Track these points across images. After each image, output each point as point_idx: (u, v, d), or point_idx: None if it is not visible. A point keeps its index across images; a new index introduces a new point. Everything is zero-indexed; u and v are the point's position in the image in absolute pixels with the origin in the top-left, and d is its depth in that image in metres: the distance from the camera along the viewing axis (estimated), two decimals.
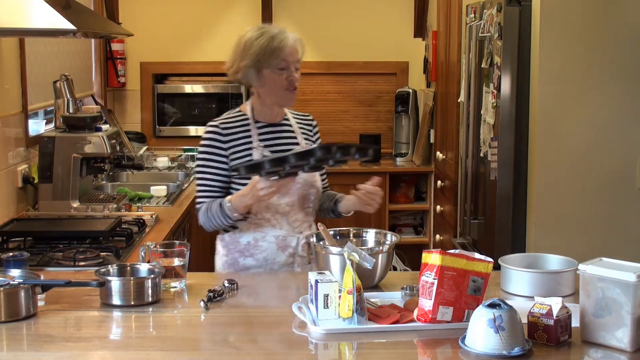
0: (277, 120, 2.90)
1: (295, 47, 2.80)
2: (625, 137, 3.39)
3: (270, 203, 2.79)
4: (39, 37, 3.99)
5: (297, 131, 2.92)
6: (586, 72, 3.37)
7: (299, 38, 2.85)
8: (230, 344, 2.06)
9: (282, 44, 2.78)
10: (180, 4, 5.81)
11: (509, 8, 3.46)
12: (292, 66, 2.80)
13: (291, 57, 2.79)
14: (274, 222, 2.82)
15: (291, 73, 2.80)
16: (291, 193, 2.81)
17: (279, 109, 2.89)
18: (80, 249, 2.96)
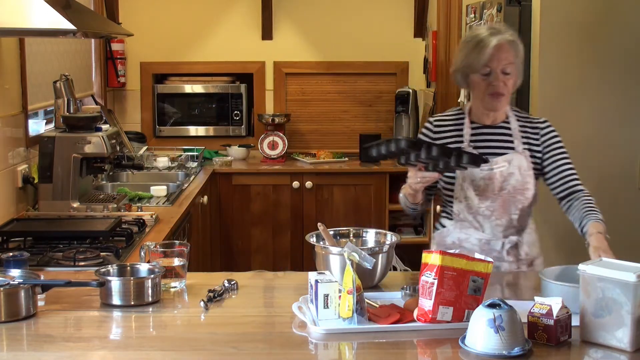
0: (493, 122, 2.79)
1: (500, 51, 2.66)
2: (625, 137, 3.39)
3: (471, 205, 2.76)
4: (39, 37, 3.99)
5: (516, 135, 2.76)
6: (586, 72, 3.37)
7: (512, 40, 2.68)
8: (230, 344, 2.06)
9: (484, 50, 2.66)
10: (180, 4, 5.81)
11: (509, 8, 3.46)
12: (496, 71, 2.67)
13: (495, 63, 2.66)
14: (476, 224, 2.78)
15: (495, 79, 2.67)
16: (492, 197, 2.74)
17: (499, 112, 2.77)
18: (80, 249, 2.96)
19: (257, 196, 5.41)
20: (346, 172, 5.50)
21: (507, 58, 2.67)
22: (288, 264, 5.42)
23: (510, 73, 2.68)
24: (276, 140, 5.58)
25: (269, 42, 5.85)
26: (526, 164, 2.73)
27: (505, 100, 2.72)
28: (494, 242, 2.77)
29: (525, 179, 2.73)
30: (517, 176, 2.72)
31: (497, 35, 2.67)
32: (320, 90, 5.93)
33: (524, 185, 2.73)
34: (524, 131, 2.77)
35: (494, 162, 2.73)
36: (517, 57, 2.69)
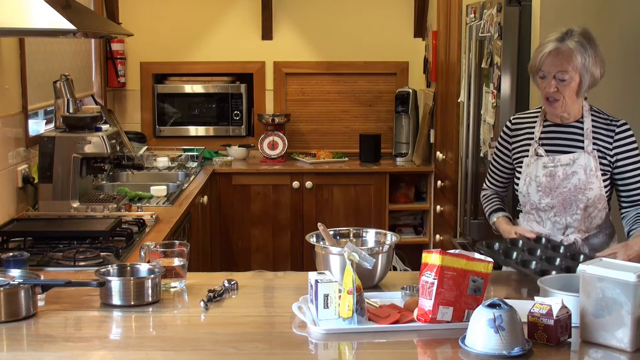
0: (565, 121, 2.80)
1: (555, 57, 2.68)
2: None
3: (532, 201, 2.82)
4: (39, 37, 3.99)
5: (587, 135, 2.76)
6: None
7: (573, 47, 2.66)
8: (230, 344, 2.06)
9: (541, 53, 2.70)
10: (180, 4, 5.81)
11: (509, 8, 3.46)
12: (550, 76, 2.69)
13: (549, 67, 2.69)
14: (537, 219, 2.84)
15: (547, 84, 2.70)
16: (553, 195, 2.77)
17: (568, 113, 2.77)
18: (80, 249, 2.96)
19: (257, 196, 5.41)
20: (346, 172, 5.50)
21: (562, 65, 2.67)
22: (288, 264, 5.42)
23: (565, 80, 2.68)
24: (276, 140, 5.58)
25: (269, 42, 5.85)
26: (593, 165, 2.74)
27: (560, 105, 2.73)
28: (553, 239, 2.80)
29: (589, 179, 2.73)
30: (581, 175, 2.74)
31: (560, 42, 2.68)
32: (320, 90, 5.93)
33: (586, 185, 2.74)
34: (597, 132, 2.77)
35: (557, 159, 2.76)
36: (580, 64, 2.67)
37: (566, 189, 2.76)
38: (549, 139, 2.81)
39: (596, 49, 2.71)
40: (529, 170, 2.81)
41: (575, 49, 2.67)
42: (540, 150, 2.80)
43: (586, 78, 2.69)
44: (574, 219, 2.78)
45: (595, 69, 2.70)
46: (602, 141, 2.76)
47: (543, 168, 2.78)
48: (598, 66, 2.71)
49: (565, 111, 2.76)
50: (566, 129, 2.80)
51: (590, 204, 2.76)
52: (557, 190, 2.77)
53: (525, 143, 2.85)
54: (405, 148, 5.68)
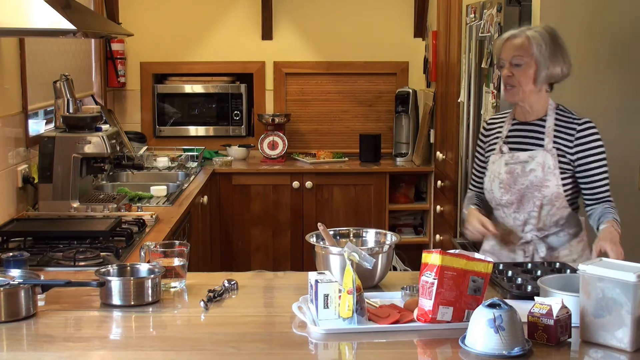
0: (529, 119, 2.84)
1: (510, 42, 2.75)
2: (625, 137, 3.39)
3: (495, 197, 2.86)
4: (39, 37, 3.99)
5: (548, 133, 2.78)
6: (586, 72, 3.37)
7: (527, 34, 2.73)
8: (230, 344, 2.06)
9: (499, 41, 2.82)
10: (180, 4, 5.81)
11: (509, 8, 3.46)
12: (507, 62, 2.76)
13: (505, 54, 2.76)
14: (502, 215, 2.87)
15: (506, 70, 2.76)
16: (512, 191, 2.80)
17: (530, 107, 2.82)
18: (80, 249, 2.96)
19: (257, 196, 5.41)
20: (346, 172, 5.50)
21: (517, 50, 2.73)
22: (288, 264, 5.42)
23: (520, 65, 2.73)
24: (276, 140, 5.58)
25: (269, 42, 5.85)
26: (551, 162, 2.75)
27: (517, 92, 2.76)
28: (513, 235, 2.85)
29: (546, 177, 2.75)
30: (538, 172, 2.76)
31: (517, 30, 2.77)
32: (320, 90, 5.93)
33: (542, 183, 2.75)
34: (559, 130, 2.79)
35: (517, 156, 2.80)
36: (537, 52, 2.71)
37: (523, 185, 2.78)
38: (514, 137, 2.85)
39: (558, 47, 2.75)
40: (493, 167, 2.86)
41: (532, 37, 2.73)
42: (504, 148, 2.84)
43: (543, 68, 2.73)
44: (531, 216, 2.79)
45: (554, 64, 2.74)
46: (563, 140, 2.78)
47: (505, 165, 2.82)
48: (559, 64, 2.74)
49: (523, 100, 2.79)
50: (530, 127, 2.83)
51: (546, 201, 2.77)
52: (516, 186, 2.79)
53: (494, 142, 2.91)
54: (405, 148, 5.68)
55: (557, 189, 2.76)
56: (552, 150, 2.76)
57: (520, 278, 2.51)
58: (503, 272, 2.58)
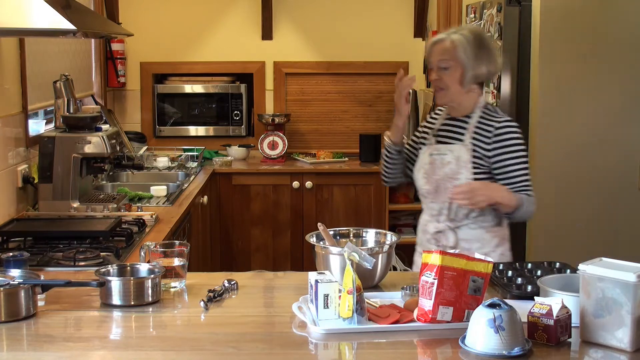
0: (457, 115, 2.96)
1: (436, 47, 2.89)
2: (625, 138, 3.39)
3: (419, 186, 2.99)
4: (39, 37, 3.99)
5: (469, 129, 2.90)
6: (586, 72, 3.37)
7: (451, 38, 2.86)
8: (230, 344, 2.06)
9: (427, 45, 2.96)
10: (180, 4, 5.81)
11: (509, 8, 3.46)
12: (434, 66, 2.90)
13: (433, 57, 2.91)
14: (425, 202, 3.00)
15: (434, 74, 2.91)
16: (430, 181, 2.94)
17: (458, 105, 2.93)
18: (80, 249, 2.96)
19: (257, 196, 5.41)
20: (346, 172, 5.50)
21: (443, 54, 2.86)
22: (288, 264, 5.42)
23: (447, 68, 2.86)
24: (276, 140, 5.58)
25: (269, 42, 5.85)
26: (466, 157, 2.86)
27: (445, 94, 2.91)
28: (430, 225, 2.98)
29: (458, 170, 2.86)
30: (453, 165, 2.88)
31: (445, 35, 2.89)
32: (320, 90, 5.93)
33: (454, 175, 2.87)
34: (480, 127, 2.88)
35: (438, 148, 2.95)
36: (462, 54, 2.83)
37: (439, 176, 2.91)
38: (443, 131, 2.99)
39: (483, 49, 2.86)
40: (422, 157, 3.01)
41: (456, 41, 2.85)
42: (432, 140, 3.00)
43: (468, 70, 2.84)
44: (444, 206, 2.91)
45: (479, 66, 2.84)
46: (482, 136, 2.86)
47: (429, 156, 2.96)
48: (484, 64, 2.85)
49: (452, 100, 2.92)
50: (456, 122, 2.95)
51: None
52: (434, 177, 2.93)
53: (426, 132, 3.09)
54: None
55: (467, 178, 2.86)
56: (468, 145, 2.87)
57: (520, 278, 2.51)
58: (503, 272, 2.58)
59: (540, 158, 3.39)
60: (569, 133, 3.38)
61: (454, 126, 2.96)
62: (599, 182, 3.40)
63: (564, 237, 3.40)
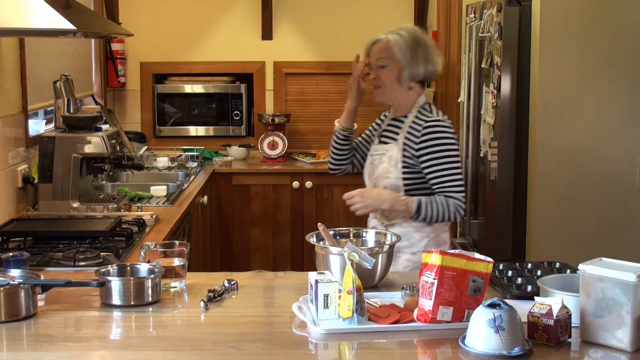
0: (397, 115, 3.04)
1: (375, 46, 2.99)
2: (625, 137, 3.39)
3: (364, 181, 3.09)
4: (39, 37, 3.99)
5: (403, 129, 2.98)
6: (586, 72, 3.37)
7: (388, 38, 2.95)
8: (230, 344, 2.06)
9: (367, 45, 3.03)
10: (180, 4, 5.81)
11: (509, 8, 3.46)
12: (373, 65, 2.99)
13: (372, 57, 3.00)
14: None
15: (372, 73, 3.01)
16: (370, 180, 3.04)
17: (397, 105, 3.03)
18: (80, 249, 2.96)
19: (257, 196, 5.41)
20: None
21: (381, 52, 2.96)
22: (288, 264, 5.42)
23: (385, 66, 2.95)
24: (276, 140, 5.58)
25: (269, 42, 5.85)
26: (397, 156, 2.93)
27: (383, 92, 3.01)
28: (370, 221, 3.07)
29: (389, 169, 2.94)
30: (386, 164, 2.96)
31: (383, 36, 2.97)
32: (320, 90, 5.93)
33: (385, 174, 2.94)
34: (413, 127, 2.94)
35: (376, 148, 3.06)
36: (399, 54, 2.92)
37: (376, 175, 2.99)
38: (385, 131, 3.07)
39: (420, 48, 2.94)
40: (367, 157, 3.10)
41: (393, 41, 2.94)
42: (376, 141, 3.09)
43: (405, 69, 2.92)
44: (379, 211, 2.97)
45: (416, 65, 2.93)
46: (412, 135, 2.93)
47: (370, 156, 3.07)
48: (421, 64, 2.94)
49: (390, 99, 3.03)
50: (395, 122, 3.04)
51: None
52: (373, 176, 3.03)
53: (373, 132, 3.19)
54: None
55: (397, 182, 2.93)
56: (400, 144, 2.94)
57: (520, 278, 2.51)
58: (503, 272, 2.58)
59: (540, 158, 3.39)
60: (569, 133, 3.38)
61: (393, 126, 3.04)
62: (599, 182, 3.40)
63: (564, 237, 3.40)
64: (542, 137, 3.38)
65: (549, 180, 3.41)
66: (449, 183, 2.88)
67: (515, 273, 2.57)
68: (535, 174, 3.41)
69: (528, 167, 3.49)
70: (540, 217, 3.42)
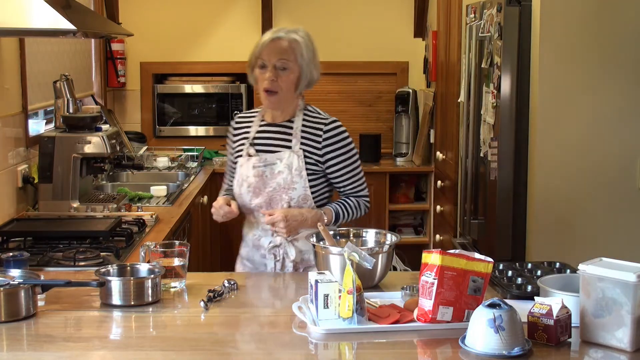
0: (277, 120, 2.85)
1: (274, 44, 2.72)
2: (625, 137, 3.39)
3: (245, 202, 2.82)
4: (39, 37, 3.99)
5: (296, 134, 2.81)
6: (586, 72, 3.37)
7: (289, 37, 2.74)
8: (230, 344, 2.06)
9: (263, 41, 2.74)
10: (180, 4, 5.81)
11: (509, 8, 3.46)
12: (270, 65, 2.72)
13: (269, 55, 2.72)
14: (252, 220, 2.85)
15: (268, 73, 2.72)
16: (262, 195, 2.80)
17: (282, 111, 2.84)
18: (80, 249, 2.96)
19: None
20: None
21: (284, 53, 2.71)
22: None
23: (286, 69, 2.72)
24: None
25: None
26: (297, 164, 2.76)
27: (278, 98, 2.75)
28: (263, 240, 2.82)
29: (293, 179, 2.76)
30: (286, 175, 2.76)
31: (280, 33, 2.73)
32: (320, 90, 5.91)
33: (290, 185, 2.76)
34: (307, 131, 2.81)
35: (264, 159, 2.79)
36: (301, 57, 2.74)
37: (272, 188, 2.77)
38: (262, 139, 2.83)
39: (315, 52, 2.83)
40: (241, 170, 2.82)
41: (300, 42, 2.75)
42: (251, 151, 2.82)
43: (306, 74, 2.77)
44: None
45: (313, 69, 2.80)
46: (311, 140, 2.79)
47: (253, 168, 2.79)
48: (316, 69, 2.82)
49: (281, 106, 2.79)
50: (278, 128, 2.83)
51: (293, 204, 2.77)
52: (265, 189, 2.78)
53: (242, 143, 2.87)
54: (405, 148, 5.68)
55: (305, 191, 2.77)
56: (299, 151, 2.77)
57: (520, 278, 2.51)
58: (503, 272, 2.58)
59: (540, 158, 3.39)
60: (569, 133, 3.38)
61: (276, 132, 2.82)
62: (599, 182, 3.40)
63: (564, 237, 3.40)
64: (541, 137, 3.38)
65: (549, 180, 3.41)
66: (360, 186, 2.85)
67: (515, 273, 2.57)
68: (535, 174, 3.41)
69: (528, 167, 3.49)
70: (540, 217, 3.42)
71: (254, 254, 2.87)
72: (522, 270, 2.60)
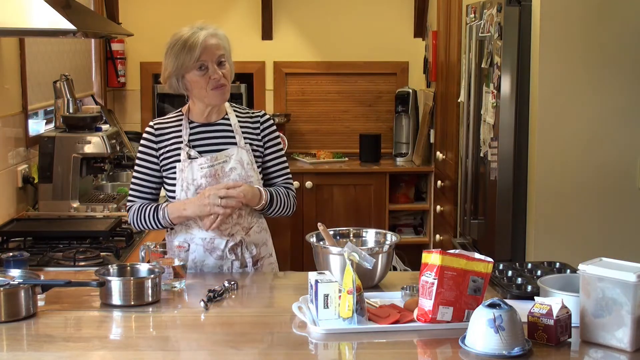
0: (211, 120, 2.80)
1: (210, 43, 2.69)
2: (625, 137, 3.39)
3: None
4: (39, 37, 3.99)
5: (237, 130, 2.78)
6: (586, 72, 3.37)
7: (216, 33, 2.72)
8: (230, 344, 2.06)
9: (194, 46, 2.67)
10: (180, 4, 5.81)
11: (509, 8, 3.46)
12: (213, 63, 2.70)
13: (210, 55, 2.69)
14: (200, 224, 2.71)
15: (213, 72, 2.69)
16: None
17: (218, 107, 2.80)
18: (80, 249, 2.96)
19: None
20: (346, 172, 5.50)
21: (220, 50, 2.71)
22: (288, 264, 5.41)
23: (224, 62, 2.73)
24: None
25: (269, 42, 5.85)
26: (248, 158, 2.76)
27: (227, 91, 2.76)
28: (218, 241, 2.72)
29: (248, 173, 2.75)
30: (240, 170, 2.74)
31: (202, 31, 2.70)
32: (320, 90, 5.93)
33: (246, 180, 2.74)
34: (245, 126, 2.82)
35: (214, 158, 2.73)
36: (228, 50, 2.76)
37: None
38: (199, 140, 2.76)
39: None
40: (184, 175, 2.71)
41: (221, 35, 2.75)
42: (192, 153, 2.73)
43: (232, 64, 2.78)
44: (240, 215, 2.73)
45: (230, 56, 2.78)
46: (251, 135, 2.81)
47: (200, 170, 2.71)
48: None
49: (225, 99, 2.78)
50: (214, 127, 2.79)
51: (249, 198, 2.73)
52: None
53: (174, 148, 2.75)
54: (405, 148, 5.68)
55: (259, 185, 2.78)
56: (246, 146, 2.77)
57: (520, 278, 2.51)
58: (503, 272, 2.58)
59: (541, 158, 3.39)
60: (569, 133, 3.38)
61: (216, 131, 2.78)
62: (599, 182, 3.39)
63: (564, 237, 3.39)
64: (541, 137, 3.38)
65: (549, 180, 3.41)
66: (289, 176, 2.91)
67: (515, 273, 2.57)
68: (535, 173, 3.41)
69: (528, 167, 3.49)
70: (540, 217, 3.42)
71: (207, 258, 2.74)
72: (522, 270, 2.60)
